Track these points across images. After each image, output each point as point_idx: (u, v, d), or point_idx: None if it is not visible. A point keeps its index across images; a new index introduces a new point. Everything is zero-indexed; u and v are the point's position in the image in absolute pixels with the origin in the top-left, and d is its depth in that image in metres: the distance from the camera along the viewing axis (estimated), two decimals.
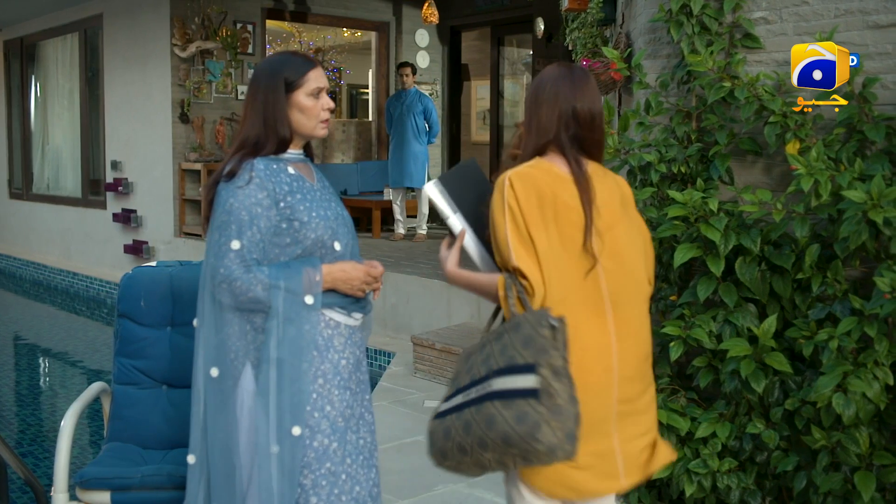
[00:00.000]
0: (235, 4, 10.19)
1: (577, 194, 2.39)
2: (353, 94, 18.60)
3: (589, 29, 5.63)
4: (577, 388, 2.18)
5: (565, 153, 2.45)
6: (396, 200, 9.82)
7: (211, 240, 2.59)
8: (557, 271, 2.31)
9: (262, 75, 2.70)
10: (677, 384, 3.76)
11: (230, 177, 2.59)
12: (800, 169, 3.24)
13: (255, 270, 2.53)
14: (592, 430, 2.29)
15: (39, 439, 5.81)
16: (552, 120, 2.47)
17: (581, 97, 2.47)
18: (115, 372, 3.45)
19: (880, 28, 3.46)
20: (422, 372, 6.09)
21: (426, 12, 10.51)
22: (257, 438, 2.55)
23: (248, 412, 2.57)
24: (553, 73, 2.52)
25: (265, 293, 2.52)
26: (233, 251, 2.53)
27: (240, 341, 2.56)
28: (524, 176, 2.37)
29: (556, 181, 2.39)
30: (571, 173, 2.42)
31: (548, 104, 2.48)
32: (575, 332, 2.26)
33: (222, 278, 2.53)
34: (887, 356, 3.05)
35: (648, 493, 3.79)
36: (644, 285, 2.50)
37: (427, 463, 2.38)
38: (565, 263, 2.33)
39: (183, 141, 9.99)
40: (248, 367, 2.57)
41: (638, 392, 2.43)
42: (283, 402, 2.55)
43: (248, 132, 2.66)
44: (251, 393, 2.56)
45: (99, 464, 3.13)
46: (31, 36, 12.99)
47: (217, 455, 2.59)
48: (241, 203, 2.55)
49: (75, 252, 11.96)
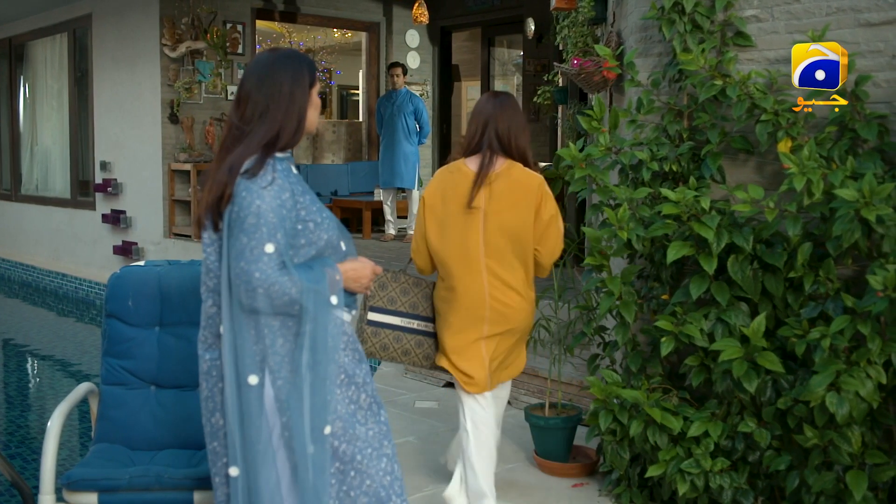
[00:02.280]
0: (225, 4, 10.15)
1: (472, 186, 3.51)
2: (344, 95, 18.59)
3: (580, 28, 5.62)
4: (456, 316, 3.56)
5: (482, 152, 3.57)
6: (387, 201, 9.79)
7: (238, 243, 2.49)
8: (440, 246, 3.58)
9: (288, 67, 2.64)
10: (669, 384, 3.75)
11: (252, 175, 2.52)
12: (792, 167, 3.23)
13: (289, 273, 2.50)
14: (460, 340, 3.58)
15: (28, 441, 5.77)
16: (477, 131, 3.61)
17: (496, 108, 3.60)
18: (102, 372, 3.42)
19: (872, 26, 3.45)
20: (413, 372, 6.06)
21: (416, 13, 10.49)
22: (293, 442, 2.54)
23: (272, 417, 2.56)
24: (482, 98, 3.70)
25: (299, 295, 2.50)
26: (266, 255, 2.47)
27: (283, 347, 2.53)
28: (435, 177, 3.71)
29: (461, 178, 3.57)
30: (478, 170, 3.53)
31: (473, 116, 3.65)
32: (458, 282, 3.54)
33: (259, 283, 2.46)
34: (880, 354, 3.03)
35: (640, 493, 3.78)
36: (520, 253, 3.53)
37: (418, 463, 2.37)
38: (447, 238, 3.56)
39: (172, 142, 9.94)
40: (266, 372, 2.54)
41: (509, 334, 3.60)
42: (315, 403, 2.56)
43: (272, 126, 2.59)
44: (271, 398, 2.55)
45: (86, 465, 3.10)
46: (19, 36, 12.92)
47: (259, 463, 2.55)
48: (269, 205, 2.49)
49: (64, 253, 11.90)
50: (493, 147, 3.55)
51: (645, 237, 3.63)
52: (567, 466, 4.28)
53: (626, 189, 3.75)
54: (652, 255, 3.80)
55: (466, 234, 3.52)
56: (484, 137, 3.57)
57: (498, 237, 3.50)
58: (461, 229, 3.53)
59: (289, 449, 2.57)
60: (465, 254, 3.53)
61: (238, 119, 2.63)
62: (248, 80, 2.64)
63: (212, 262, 2.63)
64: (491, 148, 3.55)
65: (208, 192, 2.59)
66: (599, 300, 3.85)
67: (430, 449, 4.61)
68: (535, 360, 5.28)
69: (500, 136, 3.56)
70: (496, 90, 3.93)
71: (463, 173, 3.57)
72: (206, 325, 2.68)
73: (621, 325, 3.77)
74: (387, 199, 9.78)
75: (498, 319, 3.54)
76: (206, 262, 2.65)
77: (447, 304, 3.60)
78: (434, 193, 3.62)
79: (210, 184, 2.59)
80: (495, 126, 3.57)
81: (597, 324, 4.14)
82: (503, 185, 3.51)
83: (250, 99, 2.62)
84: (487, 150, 3.55)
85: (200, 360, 2.68)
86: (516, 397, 5.33)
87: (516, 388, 5.33)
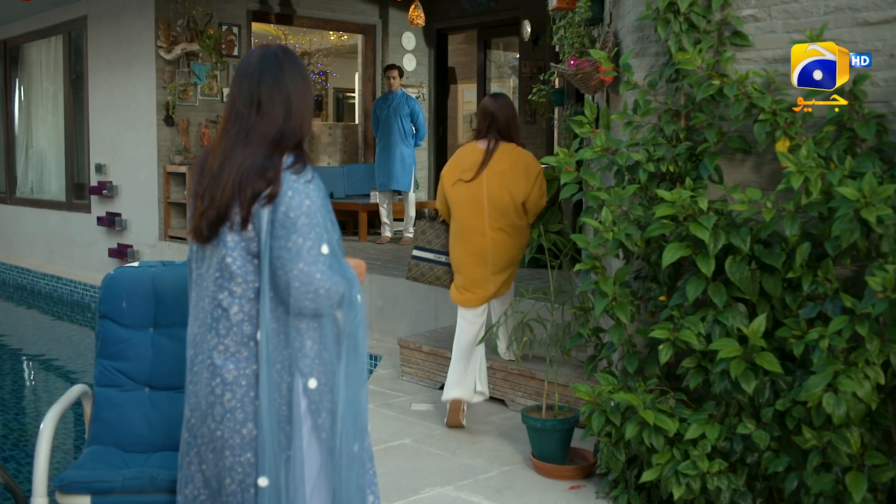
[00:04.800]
0: (221, 6, 10.13)
1: (482, 160, 4.89)
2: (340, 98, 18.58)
3: (576, 28, 5.62)
4: (464, 254, 4.94)
5: (488, 137, 4.96)
6: (383, 203, 9.77)
7: (292, 245, 2.43)
8: (455, 200, 4.95)
9: (301, 66, 2.63)
10: (666, 385, 3.73)
11: (297, 172, 2.49)
12: (790, 167, 3.22)
13: (342, 271, 2.52)
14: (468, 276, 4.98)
15: (21, 444, 5.74)
16: (482, 120, 5.02)
17: (498, 108, 4.97)
18: (96, 374, 3.39)
19: (870, 25, 3.44)
20: (409, 375, 6.04)
21: (412, 15, 10.48)
22: (333, 442, 2.54)
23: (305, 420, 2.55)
24: (487, 100, 5.06)
25: (345, 293, 2.52)
26: (323, 255, 2.46)
27: (311, 349, 2.52)
28: (455, 154, 5.14)
29: (471, 153, 4.98)
30: (486, 148, 4.92)
31: (481, 112, 5.05)
32: (464, 224, 4.91)
33: (320, 284, 2.44)
34: (878, 355, 3.02)
35: (638, 496, 3.76)
36: (513, 207, 4.83)
37: (414, 466, 2.37)
38: (460, 194, 4.92)
39: (168, 144, 9.92)
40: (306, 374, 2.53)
41: (502, 263, 4.92)
42: (354, 401, 2.57)
43: (297, 124, 2.57)
44: (305, 400, 2.53)
45: (79, 467, 3.07)
46: (14, 38, 12.90)
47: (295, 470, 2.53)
48: (316, 204, 2.49)
49: (59, 256, 11.87)
50: (496, 133, 4.96)
51: (640, 238, 3.61)
52: (564, 469, 4.26)
53: (614, 190, 3.74)
54: (648, 256, 3.78)
55: (475, 192, 4.87)
56: (490, 127, 4.97)
57: (499, 195, 4.84)
58: (472, 189, 4.89)
59: (327, 451, 2.55)
60: (474, 205, 4.88)
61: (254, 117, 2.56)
62: (263, 80, 2.57)
63: (238, 266, 2.51)
64: (495, 134, 4.96)
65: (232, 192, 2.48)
66: (594, 301, 3.84)
67: (426, 451, 4.59)
68: (532, 361, 5.26)
69: (500, 126, 4.96)
70: (496, 92, 5.32)
71: (476, 150, 4.98)
72: (225, 333, 2.54)
73: (617, 326, 3.75)
74: (383, 201, 9.76)
75: (495, 250, 4.88)
76: (230, 268, 2.52)
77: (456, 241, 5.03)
78: (453, 165, 5.05)
79: (233, 182, 2.48)
80: (497, 119, 4.96)
81: (593, 325, 4.12)
82: (505, 159, 4.89)
83: (270, 99, 2.56)
84: (493, 136, 4.95)
85: (216, 369, 2.54)
86: (513, 399, 5.31)
87: (513, 390, 5.31)
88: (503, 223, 4.85)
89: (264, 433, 2.49)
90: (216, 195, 2.52)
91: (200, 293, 2.62)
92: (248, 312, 2.52)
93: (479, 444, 4.74)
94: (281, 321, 2.50)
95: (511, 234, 4.88)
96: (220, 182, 2.52)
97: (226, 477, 2.56)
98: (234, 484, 2.55)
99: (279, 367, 2.51)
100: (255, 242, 2.49)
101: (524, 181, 4.85)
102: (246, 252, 2.51)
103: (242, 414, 2.53)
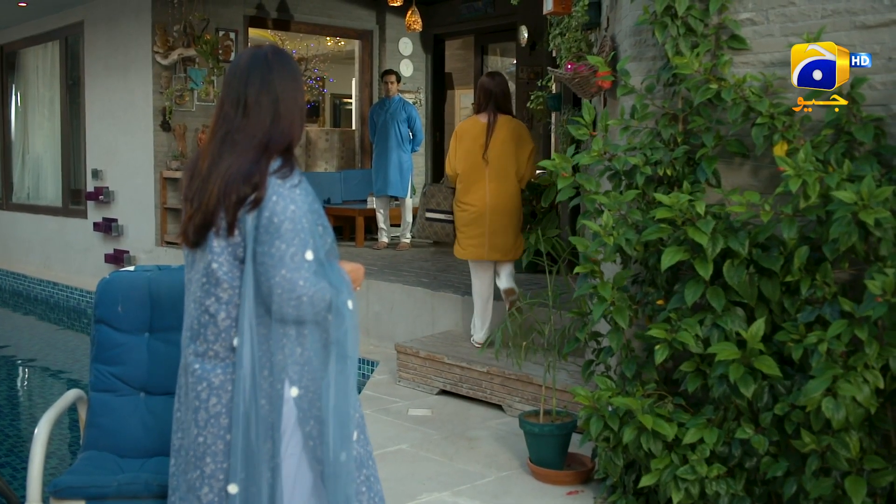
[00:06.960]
0: (218, 12, 10.13)
1: (485, 131, 5.76)
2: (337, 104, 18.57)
3: (573, 33, 5.61)
4: (466, 214, 5.79)
5: (487, 111, 5.80)
6: (380, 209, 9.75)
7: (275, 251, 2.39)
8: (462, 167, 5.82)
9: (292, 68, 2.59)
10: (664, 389, 3.72)
11: (283, 176, 2.45)
12: (788, 170, 3.21)
13: (326, 278, 2.47)
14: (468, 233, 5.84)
15: (17, 449, 5.72)
16: (482, 96, 5.85)
17: (495, 85, 5.80)
18: (91, 379, 3.37)
19: (867, 28, 3.43)
20: (406, 380, 6.02)
21: (409, 20, 10.48)
22: (319, 451, 2.50)
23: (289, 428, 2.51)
24: (484, 78, 5.93)
25: (334, 300, 2.48)
26: (307, 261, 2.41)
27: (301, 357, 2.49)
28: (459, 126, 5.99)
29: (474, 125, 5.84)
30: (487, 121, 5.77)
31: (480, 89, 5.89)
32: (471, 188, 5.76)
33: (304, 291, 2.40)
34: (877, 359, 3.00)
35: (636, 501, 3.74)
36: (510, 171, 5.75)
37: (411, 471, 2.36)
38: (465, 161, 5.80)
39: (164, 149, 9.90)
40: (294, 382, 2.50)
41: (500, 222, 5.72)
42: (342, 410, 2.52)
43: (286, 127, 2.53)
44: (292, 409, 2.50)
45: (74, 472, 3.05)
46: (11, 44, 12.89)
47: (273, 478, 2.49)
48: (302, 209, 2.43)
49: (55, 262, 11.84)
50: (493, 107, 5.79)
51: (638, 242, 3.60)
52: (562, 474, 4.24)
53: (613, 194, 3.73)
54: (646, 260, 3.77)
55: (478, 159, 5.73)
56: (488, 102, 5.80)
57: (500, 160, 5.71)
58: (475, 156, 5.74)
59: (313, 459, 2.52)
60: (477, 170, 5.73)
61: (240, 120, 2.52)
62: (250, 81, 2.53)
63: (224, 272, 2.49)
64: (493, 108, 5.79)
65: (217, 197, 2.45)
66: (593, 306, 3.83)
67: (423, 456, 4.58)
68: (530, 366, 5.25)
69: (499, 100, 5.81)
70: (492, 71, 6.28)
71: (478, 122, 5.84)
72: (214, 339, 2.52)
73: (615, 330, 3.74)
74: (380, 207, 9.74)
75: (493, 211, 5.71)
76: (216, 273, 2.49)
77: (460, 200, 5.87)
78: (460, 134, 5.89)
79: (219, 188, 2.45)
80: (495, 94, 5.79)
81: (590, 329, 4.11)
82: (504, 128, 5.76)
83: (257, 101, 2.52)
84: (491, 110, 5.79)
85: (203, 373, 2.53)
86: (511, 404, 5.30)
87: (510, 395, 5.29)
88: (502, 187, 5.70)
89: (238, 439, 2.46)
90: (203, 200, 2.49)
91: (189, 298, 2.61)
92: (235, 318, 2.50)
93: (476, 449, 4.72)
94: (268, 327, 2.47)
95: (508, 196, 5.74)
96: (208, 186, 2.49)
97: (203, 486, 2.52)
98: (212, 493, 2.51)
99: (266, 374, 2.47)
100: (241, 248, 2.47)
101: (521, 147, 5.76)
102: (233, 258, 2.48)
103: (227, 420, 2.50)
